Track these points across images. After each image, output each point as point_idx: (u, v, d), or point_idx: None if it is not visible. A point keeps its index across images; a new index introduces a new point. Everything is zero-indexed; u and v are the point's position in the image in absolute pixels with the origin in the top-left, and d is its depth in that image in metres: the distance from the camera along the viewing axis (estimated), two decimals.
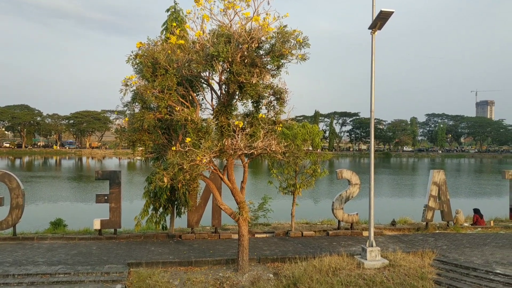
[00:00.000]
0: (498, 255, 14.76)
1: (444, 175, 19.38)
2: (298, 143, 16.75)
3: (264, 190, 31.33)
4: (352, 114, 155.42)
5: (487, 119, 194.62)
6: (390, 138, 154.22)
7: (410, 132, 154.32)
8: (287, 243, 16.57)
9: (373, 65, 13.81)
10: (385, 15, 12.48)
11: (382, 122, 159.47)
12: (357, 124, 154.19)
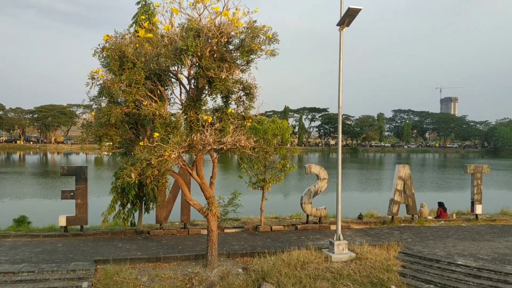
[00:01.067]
0: (460, 247, 15.28)
1: (409, 170, 19.86)
2: (268, 138, 16.84)
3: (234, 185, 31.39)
4: (321, 109, 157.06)
5: (450, 115, 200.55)
6: (357, 134, 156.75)
7: (377, 127, 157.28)
8: (257, 237, 16.65)
9: (341, 62, 14.00)
10: (353, 12, 12.66)
11: (350, 118, 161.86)
12: (326, 120, 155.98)
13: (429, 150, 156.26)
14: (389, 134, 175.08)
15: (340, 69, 14.05)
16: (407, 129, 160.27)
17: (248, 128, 12.09)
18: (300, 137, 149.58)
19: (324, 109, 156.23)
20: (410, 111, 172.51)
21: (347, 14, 12.87)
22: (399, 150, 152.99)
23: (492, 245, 15.59)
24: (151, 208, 17.36)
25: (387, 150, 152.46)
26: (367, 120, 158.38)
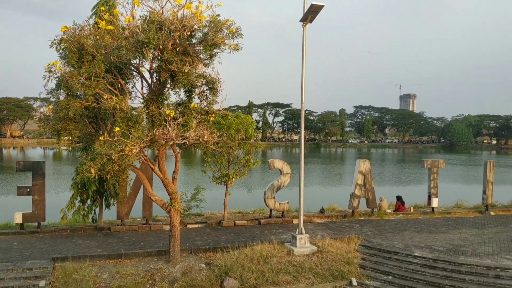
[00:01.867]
0: (417, 239, 15.81)
1: (369, 165, 20.34)
2: (232, 133, 16.83)
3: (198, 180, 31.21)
4: (284, 105, 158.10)
5: (409, 112, 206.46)
6: (320, 129, 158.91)
7: (339, 123, 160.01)
8: (220, 232, 16.64)
9: (304, 58, 14.13)
10: (316, 9, 12.79)
11: (313, 113, 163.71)
12: (290, 115, 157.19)
13: (388, 145, 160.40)
14: (350, 129, 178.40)
15: (303, 65, 14.19)
16: (367, 124, 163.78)
17: (211, 123, 12.05)
18: (264, 132, 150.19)
19: (288, 104, 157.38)
20: (370, 107, 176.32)
21: (310, 11, 12.99)
22: (360, 145, 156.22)
23: (447, 237, 16.21)
24: (112, 204, 17.01)
25: (348, 145, 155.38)
26: (330, 116, 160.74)
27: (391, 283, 12.67)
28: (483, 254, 13.92)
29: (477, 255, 13.86)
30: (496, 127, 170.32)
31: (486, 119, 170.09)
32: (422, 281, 12.63)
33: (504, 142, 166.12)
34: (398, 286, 12.53)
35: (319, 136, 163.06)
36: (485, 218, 20.30)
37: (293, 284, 12.25)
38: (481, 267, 12.84)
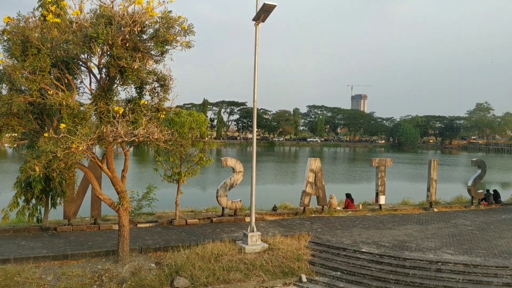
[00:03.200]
0: (365, 235, 16.31)
1: (320, 163, 20.76)
2: (184, 131, 16.67)
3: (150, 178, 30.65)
4: (239, 103, 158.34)
5: (360, 112, 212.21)
6: (274, 128, 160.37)
7: (293, 122, 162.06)
8: (171, 232, 16.45)
9: (257, 56, 14.22)
10: (268, 8, 12.89)
11: (267, 112, 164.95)
12: (245, 114, 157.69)
13: (340, 144, 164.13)
14: (304, 128, 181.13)
15: (255, 64, 14.27)
16: (320, 124, 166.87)
17: (162, 121, 11.88)
18: (218, 131, 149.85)
19: (243, 103, 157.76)
20: (323, 107, 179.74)
21: (262, 10, 13.09)
22: (312, 144, 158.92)
23: (393, 233, 16.83)
24: (58, 203, 16.39)
25: (302, 144, 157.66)
26: (284, 115, 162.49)
27: (339, 278, 13.00)
28: (426, 249, 14.57)
29: (421, 250, 14.49)
30: (441, 128, 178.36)
31: (432, 120, 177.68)
32: (368, 276, 13.04)
33: (448, 142, 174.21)
34: (346, 281, 12.87)
35: (273, 135, 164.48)
36: (429, 215, 21.23)
37: (244, 282, 12.31)
38: (424, 261, 13.43)
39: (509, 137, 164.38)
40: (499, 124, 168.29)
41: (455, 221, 19.63)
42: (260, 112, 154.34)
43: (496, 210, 22.99)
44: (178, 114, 16.47)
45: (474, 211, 22.75)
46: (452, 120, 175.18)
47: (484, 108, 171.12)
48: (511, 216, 21.22)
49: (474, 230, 17.73)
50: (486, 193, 24.91)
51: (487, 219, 20.13)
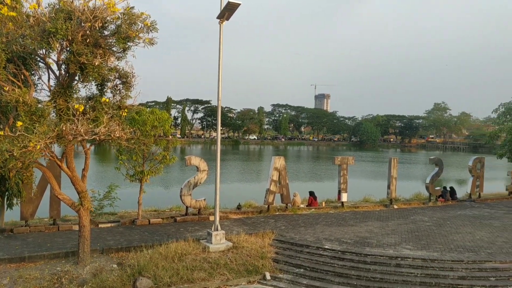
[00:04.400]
0: (327, 232, 16.58)
1: (284, 161, 20.93)
2: (147, 129, 16.43)
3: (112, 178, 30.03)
4: (204, 101, 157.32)
5: (323, 111, 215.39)
6: (239, 126, 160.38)
7: (257, 121, 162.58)
8: (133, 231, 16.19)
9: (221, 54, 14.18)
10: (232, 7, 12.87)
11: (232, 111, 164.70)
12: (209, 112, 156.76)
13: (304, 143, 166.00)
14: (268, 127, 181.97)
15: (219, 62, 14.22)
16: (284, 122, 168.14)
17: (124, 119, 11.67)
18: (182, 129, 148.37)
19: (207, 101, 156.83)
20: (287, 106, 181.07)
21: (226, 8, 13.05)
22: (277, 142, 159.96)
23: (355, 230, 17.18)
24: (15, 204, 15.78)
25: (266, 142, 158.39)
26: (248, 114, 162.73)
27: (303, 275, 13.17)
28: (386, 245, 14.97)
29: (381, 246, 14.87)
30: (401, 127, 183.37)
31: (392, 119, 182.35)
32: (331, 272, 13.27)
33: (408, 141, 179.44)
34: (309, 278, 13.05)
35: (238, 133, 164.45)
36: (389, 211, 21.81)
37: (208, 281, 12.27)
38: (384, 257, 13.79)
39: (464, 136, 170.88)
40: (455, 123, 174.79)
41: (414, 217, 20.25)
42: (224, 111, 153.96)
43: (452, 207, 23.86)
44: (140, 112, 16.22)
45: (431, 207, 23.54)
46: (411, 120, 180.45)
47: (442, 108, 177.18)
48: (466, 212, 22.09)
49: (432, 226, 18.34)
50: (443, 190, 25.81)
51: (444, 215, 20.87)
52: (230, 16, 13.61)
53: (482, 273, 12.97)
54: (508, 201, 26.59)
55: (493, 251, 14.59)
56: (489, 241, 15.86)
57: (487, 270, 13.12)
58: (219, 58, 14.19)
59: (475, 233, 17.16)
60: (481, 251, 14.51)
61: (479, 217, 20.50)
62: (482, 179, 26.60)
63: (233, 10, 13.14)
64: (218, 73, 14.28)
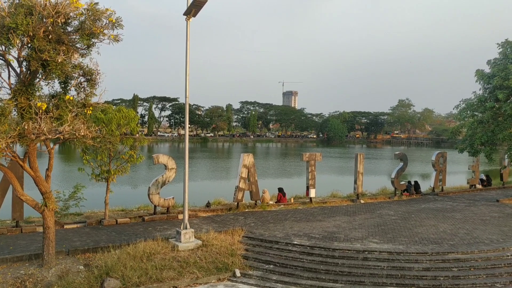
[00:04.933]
0: (296, 228, 16.75)
1: (253, 158, 20.97)
2: (112, 127, 16.11)
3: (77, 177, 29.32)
4: (171, 99, 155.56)
5: (291, 108, 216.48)
6: (207, 124, 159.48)
7: (226, 118, 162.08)
8: (100, 232, 15.88)
9: (188, 51, 14.08)
10: (199, 3, 12.78)
11: (200, 108, 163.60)
12: (177, 109, 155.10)
13: (272, 140, 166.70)
14: (237, 124, 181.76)
15: (187, 59, 14.12)
16: (253, 120, 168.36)
17: (89, 117, 11.43)
18: (150, 127, 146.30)
19: (175, 98, 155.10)
20: (256, 103, 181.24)
21: (193, 4, 12.95)
22: (245, 139, 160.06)
23: (323, 225, 17.42)
24: None
25: (235, 140, 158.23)
26: (217, 111, 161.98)
27: (272, 271, 13.27)
28: (353, 239, 15.25)
29: (349, 240, 15.15)
30: (367, 123, 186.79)
31: (358, 115, 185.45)
32: (300, 267, 13.43)
33: (373, 136, 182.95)
34: (278, 274, 13.16)
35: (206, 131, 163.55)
36: (356, 206, 22.22)
37: (178, 280, 12.19)
38: (352, 251, 14.05)
39: (428, 131, 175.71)
40: (419, 119, 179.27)
41: (380, 211, 20.71)
42: (192, 108, 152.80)
43: (416, 200, 24.53)
44: (106, 110, 15.89)
45: (397, 201, 24.13)
46: (376, 116, 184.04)
47: (406, 105, 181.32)
48: (430, 205, 22.77)
49: (397, 219, 18.81)
50: (407, 184, 26.49)
51: (409, 209, 21.44)
52: (197, 13, 13.51)
53: (445, 264, 13.42)
54: (469, 194, 27.56)
55: (455, 242, 15.10)
56: (452, 233, 16.41)
57: (450, 261, 13.58)
58: (186, 55, 14.07)
59: (438, 225, 17.71)
60: (444, 243, 15.00)
61: (442, 210, 21.17)
62: (445, 173, 27.45)
63: (200, 6, 13.05)
64: (186, 70, 14.17)
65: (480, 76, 23.90)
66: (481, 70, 24.13)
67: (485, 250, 14.25)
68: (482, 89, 24.13)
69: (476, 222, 18.50)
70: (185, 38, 14.06)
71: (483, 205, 22.76)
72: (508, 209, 21.79)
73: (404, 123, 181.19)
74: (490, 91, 23.27)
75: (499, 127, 22.74)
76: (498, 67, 22.67)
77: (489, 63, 24.04)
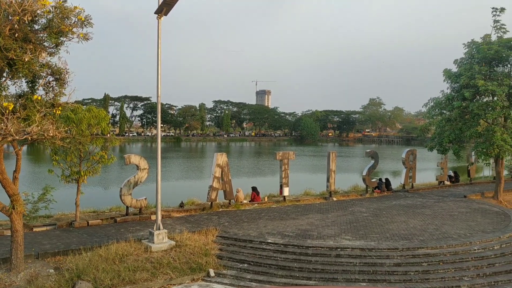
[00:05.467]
0: (270, 227, 16.83)
1: (227, 158, 20.95)
2: (83, 128, 15.81)
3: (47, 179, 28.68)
4: (143, 98, 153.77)
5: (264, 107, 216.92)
6: (180, 123, 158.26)
7: (199, 117, 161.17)
8: (71, 234, 15.58)
9: (160, 50, 13.93)
10: (170, 2, 12.68)
11: (173, 107, 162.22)
12: (149, 109, 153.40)
13: (246, 139, 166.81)
14: (210, 123, 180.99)
15: (158, 58, 13.97)
16: (226, 119, 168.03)
17: (59, 117, 11.19)
18: (121, 127, 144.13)
19: (147, 98, 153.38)
20: (229, 102, 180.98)
21: (165, 3, 12.84)
22: (219, 139, 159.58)
23: (296, 223, 17.57)
24: None
25: (209, 139, 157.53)
26: (190, 110, 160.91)
27: (247, 270, 13.30)
28: (326, 237, 15.44)
29: (322, 237, 15.33)
30: (339, 121, 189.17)
31: (330, 114, 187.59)
32: (274, 265, 13.51)
33: (345, 135, 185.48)
34: (253, 272, 13.20)
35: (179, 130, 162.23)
36: (329, 204, 22.49)
37: (151, 281, 12.07)
38: (325, 248, 14.23)
39: (398, 129, 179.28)
40: (390, 117, 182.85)
41: (352, 208, 21.03)
42: (165, 107, 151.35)
43: (387, 197, 25.01)
44: (75, 110, 15.58)
45: (368, 198, 24.55)
46: (348, 115, 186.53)
47: (377, 103, 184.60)
48: (401, 202, 23.26)
49: (369, 216, 19.14)
50: (378, 181, 26.99)
51: (380, 206, 21.84)
52: (169, 12, 13.40)
53: (415, 259, 13.74)
54: (438, 190, 28.29)
55: (425, 238, 15.48)
56: (422, 229, 16.81)
57: (420, 256, 13.91)
58: (158, 54, 13.93)
59: (408, 221, 18.11)
60: (414, 239, 15.35)
61: (412, 207, 21.66)
62: (415, 170, 28.06)
63: (172, 5, 12.95)
64: (157, 69, 14.04)
65: (448, 75, 24.50)
66: (449, 70, 24.74)
67: (453, 245, 14.67)
68: (450, 88, 24.73)
69: (444, 217, 19.01)
70: (157, 37, 13.91)
71: (452, 201, 23.40)
72: (475, 204, 22.48)
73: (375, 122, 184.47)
74: (457, 90, 23.88)
75: (466, 125, 23.40)
76: (464, 67, 23.29)
77: (456, 63, 24.65)
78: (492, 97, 23.30)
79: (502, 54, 22.34)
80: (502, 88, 21.48)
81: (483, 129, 23.34)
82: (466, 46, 24.44)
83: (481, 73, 22.31)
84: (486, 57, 22.55)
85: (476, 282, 12.66)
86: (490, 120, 22.71)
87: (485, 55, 22.44)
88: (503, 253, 14.53)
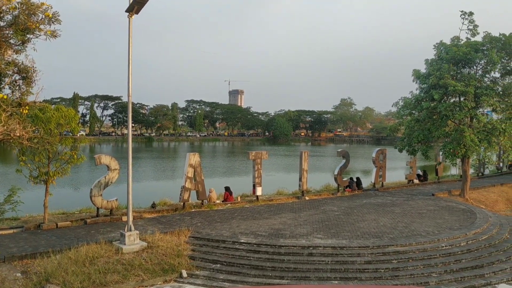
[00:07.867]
0: (243, 227, 16.84)
1: (199, 158, 20.84)
2: (51, 127, 15.46)
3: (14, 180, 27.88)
4: (114, 97, 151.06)
5: (237, 107, 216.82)
6: (152, 123, 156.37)
7: (171, 117, 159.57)
8: (39, 237, 15.18)
9: (131, 49, 13.76)
10: (142, 0, 12.52)
11: (144, 107, 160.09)
12: (120, 108, 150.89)
13: (219, 139, 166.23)
14: (182, 123, 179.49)
15: (129, 57, 13.80)
16: (199, 119, 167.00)
17: (26, 116, 10.90)
18: (92, 126, 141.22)
19: (118, 97, 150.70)
20: (202, 102, 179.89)
21: (135, 1, 12.67)
22: (192, 138, 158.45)
23: (269, 222, 17.63)
24: None
25: (181, 139, 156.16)
26: (161, 110, 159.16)
27: (219, 270, 13.27)
28: (299, 236, 15.56)
29: (294, 237, 15.44)
30: (311, 121, 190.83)
31: (303, 114, 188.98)
32: (247, 265, 13.53)
33: (317, 135, 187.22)
34: (226, 272, 13.19)
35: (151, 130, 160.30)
36: (301, 203, 22.66)
37: (122, 283, 11.91)
38: (297, 247, 14.35)
39: (368, 129, 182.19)
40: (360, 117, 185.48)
41: (324, 207, 21.26)
42: (136, 107, 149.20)
43: (358, 196, 25.41)
44: (43, 109, 15.22)
45: (340, 197, 24.86)
46: (320, 114, 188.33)
47: (348, 103, 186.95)
48: (371, 200, 23.66)
49: (340, 215, 19.39)
50: (350, 180, 27.37)
51: (351, 204, 22.16)
52: (140, 10, 13.23)
53: (385, 256, 14.02)
54: (407, 188, 28.91)
55: (395, 235, 15.80)
56: (391, 227, 17.15)
57: (390, 253, 14.20)
58: (129, 52, 13.75)
59: (379, 220, 18.45)
60: (385, 236, 15.65)
61: (382, 205, 22.06)
62: (385, 169, 28.59)
63: (143, 3, 12.79)
64: (128, 68, 13.86)
65: (417, 76, 25.05)
66: (418, 70, 25.29)
67: (422, 242, 15.03)
68: (419, 89, 25.29)
69: (413, 215, 19.45)
70: (128, 36, 13.72)
71: (420, 199, 23.97)
72: (443, 202, 23.09)
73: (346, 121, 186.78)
74: (426, 90, 24.42)
75: (434, 125, 24.00)
76: (433, 67, 23.86)
77: (427, 63, 25.16)
78: (459, 98, 23.99)
79: (469, 56, 23.01)
80: (469, 89, 22.12)
81: (450, 129, 24.00)
82: (435, 47, 25.07)
83: (450, 73, 22.92)
84: (455, 58, 23.19)
85: (443, 278, 13.01)
86: (457, 120, 23.36)
87: (453, 56, 23.06)
88: (469, 250, 14.98)
